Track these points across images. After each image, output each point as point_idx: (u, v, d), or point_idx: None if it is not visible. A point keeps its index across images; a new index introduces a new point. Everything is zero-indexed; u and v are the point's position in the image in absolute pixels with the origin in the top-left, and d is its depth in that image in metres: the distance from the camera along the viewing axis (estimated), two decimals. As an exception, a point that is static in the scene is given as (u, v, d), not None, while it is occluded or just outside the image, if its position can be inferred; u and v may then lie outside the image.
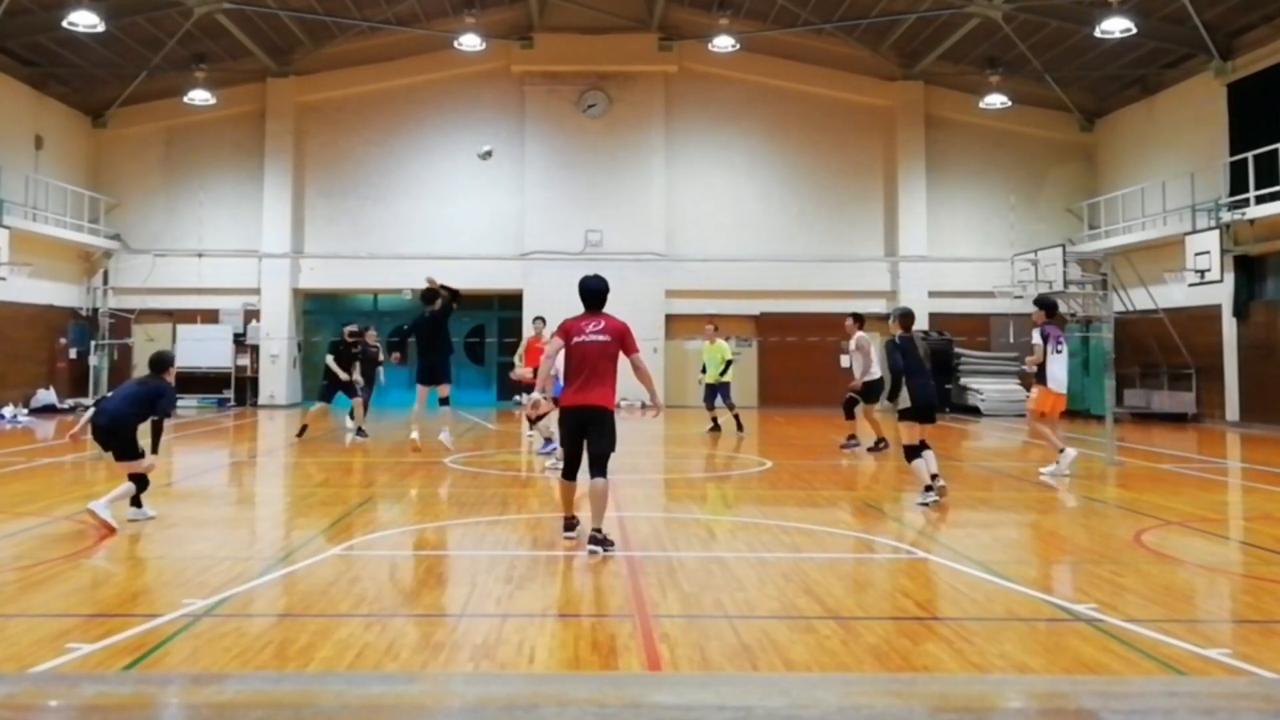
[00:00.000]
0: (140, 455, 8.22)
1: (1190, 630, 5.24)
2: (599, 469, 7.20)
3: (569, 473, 7.47)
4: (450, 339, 13.50)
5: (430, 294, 13.17)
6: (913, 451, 9.38)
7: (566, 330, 7.42)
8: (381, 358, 17.39)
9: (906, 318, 9.78)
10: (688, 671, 4.54)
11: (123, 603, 5.81)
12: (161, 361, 8.66)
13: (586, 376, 7.21)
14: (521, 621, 5.44)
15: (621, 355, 7.36)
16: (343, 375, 15.88)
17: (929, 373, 9.61)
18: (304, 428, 16.03)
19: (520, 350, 15.54)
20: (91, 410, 8.54)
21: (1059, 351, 11.29)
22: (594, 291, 7.49)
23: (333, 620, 5.39)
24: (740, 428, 17.24)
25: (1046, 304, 11.61)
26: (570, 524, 7.54)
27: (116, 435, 8.16)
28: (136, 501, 8.34)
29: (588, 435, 7.27)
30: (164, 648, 4.87)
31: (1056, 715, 1.52)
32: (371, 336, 17.25)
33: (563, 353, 7.49)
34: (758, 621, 5.42)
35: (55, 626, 5.19)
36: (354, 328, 16.71)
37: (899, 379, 9.48)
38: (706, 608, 5.70)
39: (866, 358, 14.09)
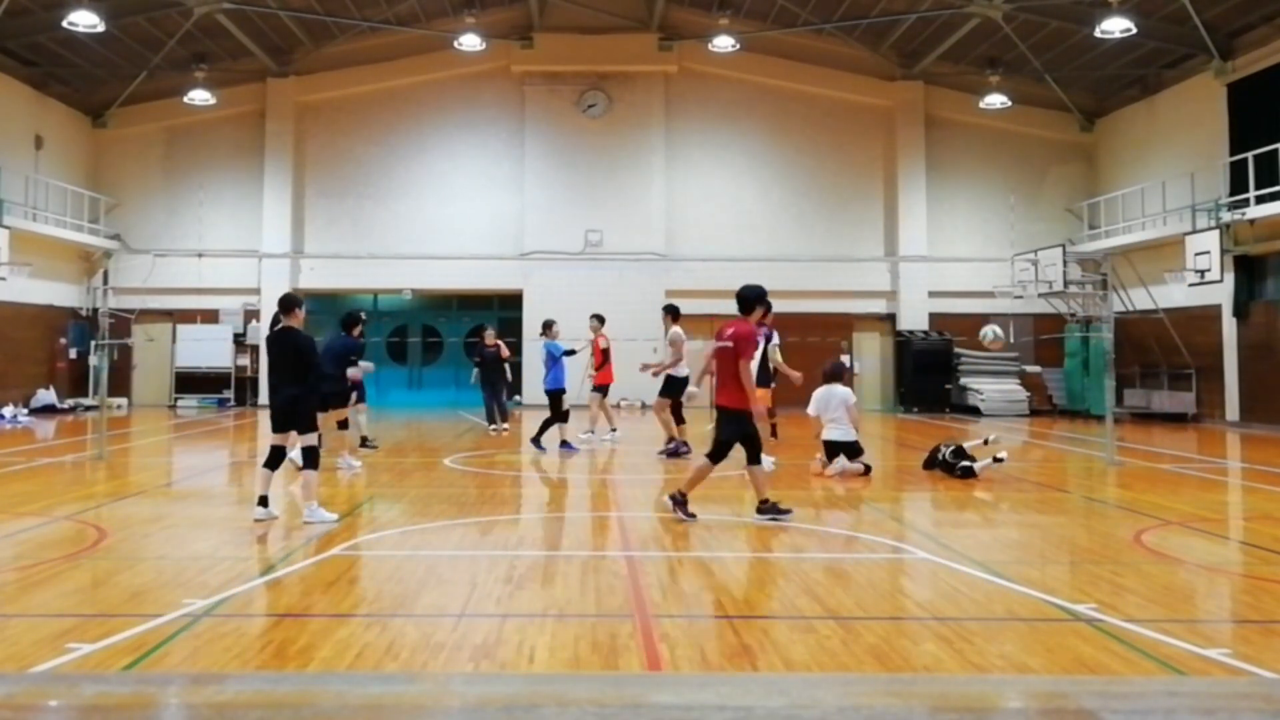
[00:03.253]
0: (313, 426, 8.29)
1: (1190, 630, 5.24)
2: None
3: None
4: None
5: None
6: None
7: None
8: (505, 353, 17.00)
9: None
10: (688, 671, 4.54)
11: (123, 603, 5.81)
12: (285, 303, 8.52)
13: None
14: (521, 621, 5.44)
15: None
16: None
17: None
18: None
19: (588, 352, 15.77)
20: None
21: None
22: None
23: (333, 620, 5.39)
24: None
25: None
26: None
27: (284, 412, 8.31)
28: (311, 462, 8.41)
29: None
30: (164, 648, 4.87)
31: (1056, 715, 1.52)
32: (490, 336, 16.47)
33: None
34: (758, 621, 5.42)
35: (55, 626, 5.19)
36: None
37: None
38: (706, 608, 5.70)
39: (679, 352, 14.01)
